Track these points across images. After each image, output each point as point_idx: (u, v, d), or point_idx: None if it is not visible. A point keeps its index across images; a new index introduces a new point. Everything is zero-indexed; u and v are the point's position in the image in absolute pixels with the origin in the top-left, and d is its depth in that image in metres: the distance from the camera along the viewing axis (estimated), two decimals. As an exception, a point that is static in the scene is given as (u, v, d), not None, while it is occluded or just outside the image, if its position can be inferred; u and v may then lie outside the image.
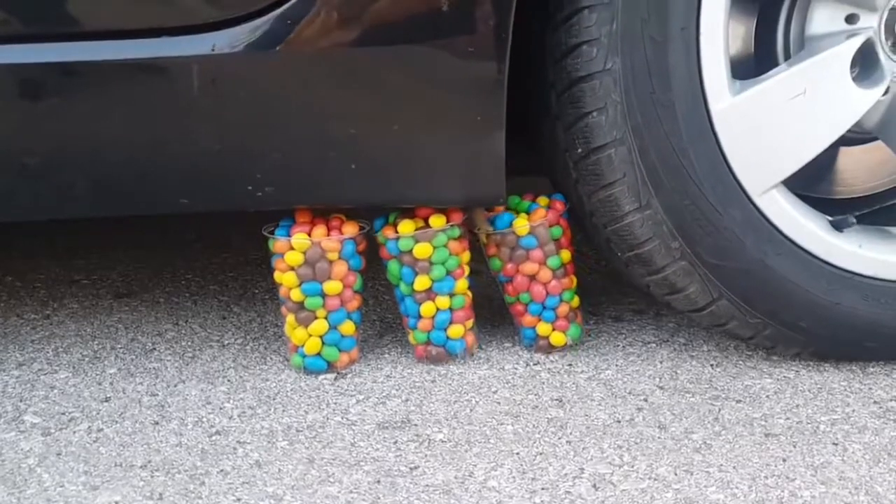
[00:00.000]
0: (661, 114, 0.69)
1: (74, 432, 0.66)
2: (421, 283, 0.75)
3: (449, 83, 0.67)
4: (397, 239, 0.74)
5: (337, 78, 0.66)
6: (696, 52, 0.69)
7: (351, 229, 0.73)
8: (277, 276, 0.74)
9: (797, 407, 0.70)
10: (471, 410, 0.70)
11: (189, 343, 0.84)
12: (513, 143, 0.76)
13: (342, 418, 0.68)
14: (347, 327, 0.75)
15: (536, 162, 0.85)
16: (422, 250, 0.74)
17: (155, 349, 0.83)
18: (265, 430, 0.66)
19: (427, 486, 0.58)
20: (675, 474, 0.59)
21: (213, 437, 0.65)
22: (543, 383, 0.75)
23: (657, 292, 0.77)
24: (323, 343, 0.75)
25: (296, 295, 0.73)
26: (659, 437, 0.65)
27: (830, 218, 0.77)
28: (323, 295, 0.73)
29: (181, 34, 0.64)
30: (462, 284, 0.77)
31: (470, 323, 0.79)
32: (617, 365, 0.79)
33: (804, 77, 0.71)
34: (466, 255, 0.78)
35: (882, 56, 0.73)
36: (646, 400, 0.72)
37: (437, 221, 0.74)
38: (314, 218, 0.74)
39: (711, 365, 0.79)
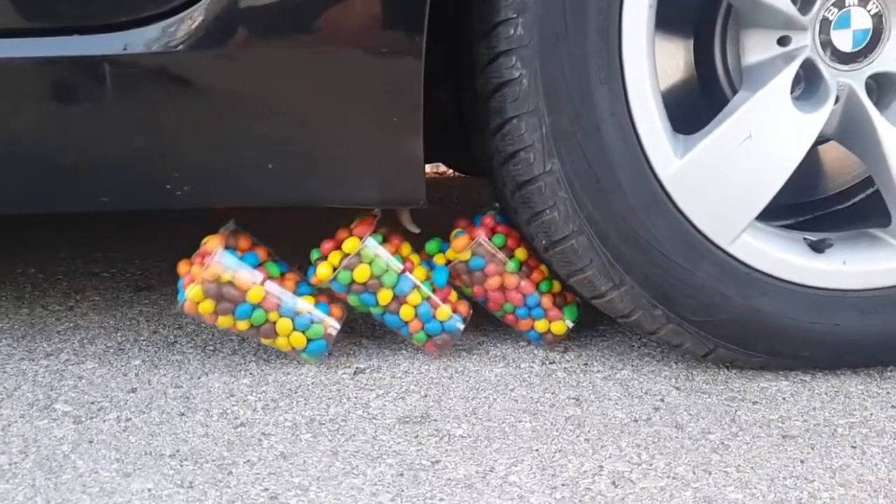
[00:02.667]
0: (610, 199, 0.70)
1: (104, 421, 0.67)
2: (384, 297, 0.76)
3: (364, 84, 0.67)
4: (335, 279, 0.75)
5: (251, 77, 0.66)
6: (633, 131, 0.69)
7: (215, 244, 0.73)
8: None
9: (814, 410, 0.71)
10: (489, 407, 0.71)
11: (209, 336, 0.85)
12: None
13: (363, 412, 0.70)
14: (304, 304, 0.75)
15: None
16: (361, 274, 0.75)
17: (177, 342, 0.84)
18: (289, 423, 0.67)
19: (449, 479, 0.59)
20: (694, 473, 0.60)
21: (239, 429, 0.66)
22: (560, 382, 0.76)
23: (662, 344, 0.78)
24: (302, 331, 0.75)
25: (241, 326, 0.74)
26: (676, 437, 0.66)
27: (811, 237, 0.76)
28: (257, 306, 0.73)
29: (92, 33, 0.64)
30: (419, 272, 0.78)
31: (454, 296, 0.79)
32: (633, 365, 0.80)
33: (746, 121, 0.70)
34: (405, 248, 0.78)
35: (824, 70, 0.72)
36: (662, 400, 0.73)
37: (350, 245, 0.75)
38: (192, 259, 0.74)
39: (727, 366, 0.79)
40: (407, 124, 0.67)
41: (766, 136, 0.70)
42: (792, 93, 0.72)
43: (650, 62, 0.68)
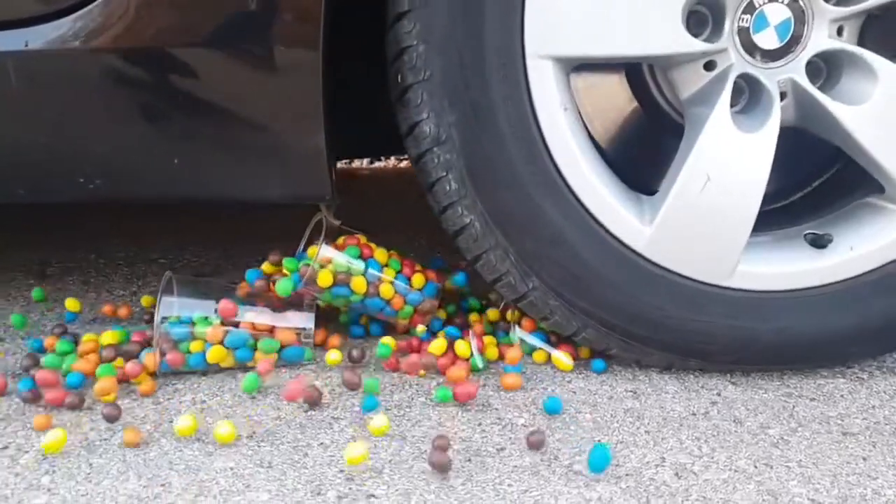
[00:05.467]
0: (599, 292, 0.72)
1: (181, 402, 0.70)
2: (358, 285, 0.78)
3: (263, 81, 0.67)
4: (298, 276, 0.77)
5: (153, 74, 0.67)
6: (597, 225, 0.70)
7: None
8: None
9: (874, 408, 0.71)
10: (547, 398, 0.72)
11: (271, 323, 0.88)
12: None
13: (425, 399, 0.71)
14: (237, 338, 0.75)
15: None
16: (324, 279, 0.77)
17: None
18: (356, 408, 0.69)
19: (515, 467, 0.60)
20: (755, 467, 0.61)
21: (309, 413, 0.68)
22: (616, 375, 0.77)
23: None
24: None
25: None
26: (735, 431, 0.67)
27: (811, 233, 0.75)
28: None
29: None
30: (380, 254, 0.80)
31: (418, 266, 0.82)
32: (687, 360, 0.80)
33: (700, 166, 0.69)
34: (361, 238, 0.80)
35: (760, 75, 0.70)
36: (719, 394, 0.74)
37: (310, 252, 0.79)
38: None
39: (782, 363, 0.80)
40: (308, 120, 0.68)
41: (724, 171, 0.69)
42: (736, 106, 0.72)
43: (590, 160, 0.70)
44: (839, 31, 0.71)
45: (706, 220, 0.70)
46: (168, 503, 0.54)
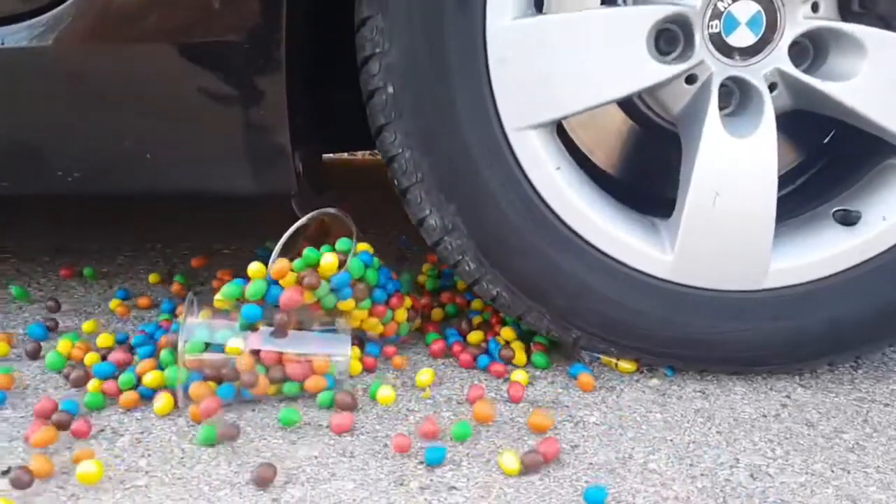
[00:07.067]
0: (642, 325, 0.73)
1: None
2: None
3: (229, 78, 0.68)
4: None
5: (124, 72, 0.68)
6: (623, 267, 0.71)
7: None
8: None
9: (952, 415, 0.70)
10: (617, 396, 0.73)
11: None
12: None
13: (496, 395, 0.73)
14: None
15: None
16: (328, 268, 0.74)
17: (307, 319, 0.89)
18: (429, 402, 0.71)
19: (591, 464, 0.61)
20: (832, 471, 0.61)
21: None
22: (685, 375, 0.78)
23: None
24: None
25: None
26: (809, 434, 0.66)
27: (841, 209, 0.73)
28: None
29: None
30: (355, 266, 0.77)
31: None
32: (753, 361, 0.80)
33: (706, 184, 0.68)
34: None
35: (744, 73, 0.69)
36: (788, 397, 0.73)
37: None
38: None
39: (851, 366, 0.79)
40: (273, 117, 0.69)
41: (730, 182, 0.68)
42: (728, 108, 0.71)
43: (597, 207, 0.70)
44: (814, 8, 0.69)
45: (724, 232, 0.70)
46: (259, 489, 0.57)
